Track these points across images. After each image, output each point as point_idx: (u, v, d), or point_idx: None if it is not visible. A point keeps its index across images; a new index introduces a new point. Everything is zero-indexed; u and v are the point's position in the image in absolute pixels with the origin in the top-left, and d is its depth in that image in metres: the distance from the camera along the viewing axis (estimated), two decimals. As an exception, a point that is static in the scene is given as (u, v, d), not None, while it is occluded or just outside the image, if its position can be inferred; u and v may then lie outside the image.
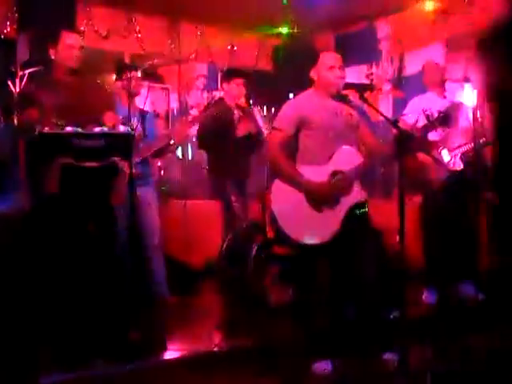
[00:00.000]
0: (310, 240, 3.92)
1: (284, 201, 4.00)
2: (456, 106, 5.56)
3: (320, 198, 3.95)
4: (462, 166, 5.39)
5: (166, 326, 4.70)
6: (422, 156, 5.30)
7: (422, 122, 5.26)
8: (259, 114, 5.73)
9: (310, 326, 4.06)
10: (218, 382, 3.80)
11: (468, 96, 6.75)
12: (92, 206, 4.09)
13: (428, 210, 5.47)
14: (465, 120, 5.59)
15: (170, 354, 4.12)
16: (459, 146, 5.38)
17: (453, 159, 5.38)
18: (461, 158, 5.38)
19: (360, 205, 4.06)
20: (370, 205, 4.16)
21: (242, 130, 5.89)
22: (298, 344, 4.13)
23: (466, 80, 6.60)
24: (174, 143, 5.37)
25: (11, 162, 4.37)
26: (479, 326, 4.61)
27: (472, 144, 5.33)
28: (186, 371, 3.87)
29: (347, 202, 3.98)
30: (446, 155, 5.37)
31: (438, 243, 5.41)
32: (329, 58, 4.09)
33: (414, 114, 5.38)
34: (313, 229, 3.94)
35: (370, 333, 4.01)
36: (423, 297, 5.44)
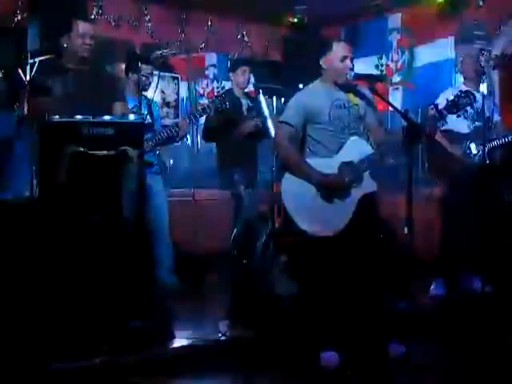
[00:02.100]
0: (322, 232, 3.93)
1: (295, 194, 4.01)
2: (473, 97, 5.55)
3: (331, 189, 3.95)
4: (488, 161, 5.37)
5: (171, 315, 4.72)
6: (449, 147, 5.29)
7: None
8: (265, 102, 5.74)
9: (316, 317, 4.06)
10: (222, 371, 3.82)
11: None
12: (101, 194, 4.10)
13: (449, 202, 5.45)
14: (492, 114, 5.58)
15: (175, 343, 4.14)
16: (489, 141, 5.38)
17: (480, 153, 5.37)
18: (489, 152, 5.37)
19: (371, 195, 4.06)
20: (380, 195, 4.16)
21: (249, 128, 5.90)
22: (304, 335, 4.14)
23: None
24: (179, 135, 5.42)
25: (21, 150, 4.39)
26: (486, 318, 4.61)
27: (504, 140, 5.32)
28: (190, 359, 3.89)
29: (358, 192, 3.99)
30: (473, 149, 5.38)
31: (456, 235, 5.40)
32: (342, 48, 4.07)
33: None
34: (325, 220, 3.95)
35: (376, 324, 4.03)
36: (431, 288, 5.43)
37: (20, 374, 3.46)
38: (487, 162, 5.34)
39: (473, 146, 5.38)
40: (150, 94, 5.46)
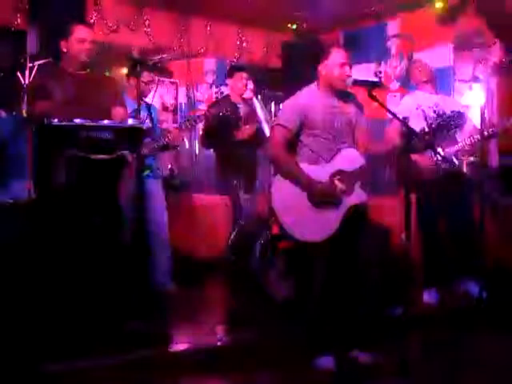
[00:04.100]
0: (307, 237, 3.94)
1: (284, 197, 4.00)
2: (452, 105, 5.56)
3: (320, 197, 3.95)
4: (456, 164, 5.39)
5: (170, 319, 4.72)
6: (414, 156, 5.27)
7: (415, 120, 5.28)
8: (261, 107, 5.75)
9: (310, 321, 4.07)
10: (220, 375, 3.81)
11: (477, 96, 6.76)
12: (99, 197, 4.10)
13: (422, 209, 5.44)
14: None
15: (173, 346, 4.14)
16: (454, 144, 5.39)
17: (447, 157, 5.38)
18: (455, 155, 5.38)
19: (360, 206, 4.05)
20: (377, 203, 4.16)
21: (246, 133, 5.91)
22: (301, 339, 4.15)
23: (475, 80, 6.60)
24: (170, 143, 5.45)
25: (20, 152, 4.40)
26: (481, 325, 4.62)
27: (469, 141, 5.31)
28: (188, 363, 3.89)
29: (347, 202, 3.98)
30: (440, 153, 5.38)
31: (434, 242, 5.41)
32: (341, 55, 4.07)
33: (405, 113, 5.40)
34: (311, 227, 3.94)
35: (368, 330, 4.04)
36: (424, 296, 5.42)
37: (23, 375, 3.47)
38: (455, 165, 5.36)
39: (439, 151, 5.37)
40: (149, 99, 5.48)
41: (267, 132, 5.58)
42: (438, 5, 7.25)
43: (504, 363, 4.00)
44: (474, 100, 6.78)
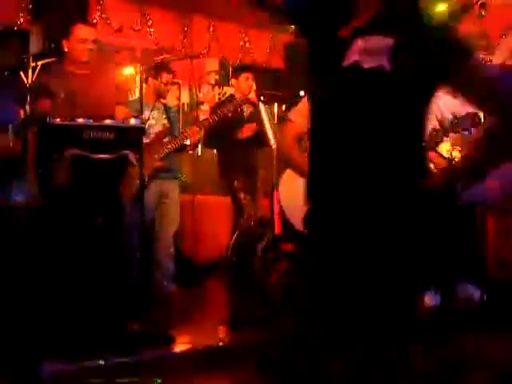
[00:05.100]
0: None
1: (291, 190, 4.16)
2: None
3: None
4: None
5: (172, 320, 4.72)
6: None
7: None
8: (266, 111, 5.75)
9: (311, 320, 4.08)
10: (220, 376, 3.82)
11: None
12: (101, 197, 4.11)
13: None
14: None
15: (174, 347, 4.14)
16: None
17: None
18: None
19: None
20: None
21: (249, 131, 5.92)
22: (301, 340, 4.14)
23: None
24: (190, 144, 5.45)
25: (22, 152, 4.40)
26: (481, 327, 4.60)
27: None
28: (190, 364, 3.89)
29: None
30: (444, 152, 5.36)
31: (435, 244, 5.38)
32: None
33: None
34: None
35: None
36: (426, 299, 5.40)
37: (24, 375, 3.48)
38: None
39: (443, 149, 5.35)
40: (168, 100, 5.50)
41: (271, 137, 5.58)
42: (439, 8, 7.23)
43: (505, 364, 4.00)
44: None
